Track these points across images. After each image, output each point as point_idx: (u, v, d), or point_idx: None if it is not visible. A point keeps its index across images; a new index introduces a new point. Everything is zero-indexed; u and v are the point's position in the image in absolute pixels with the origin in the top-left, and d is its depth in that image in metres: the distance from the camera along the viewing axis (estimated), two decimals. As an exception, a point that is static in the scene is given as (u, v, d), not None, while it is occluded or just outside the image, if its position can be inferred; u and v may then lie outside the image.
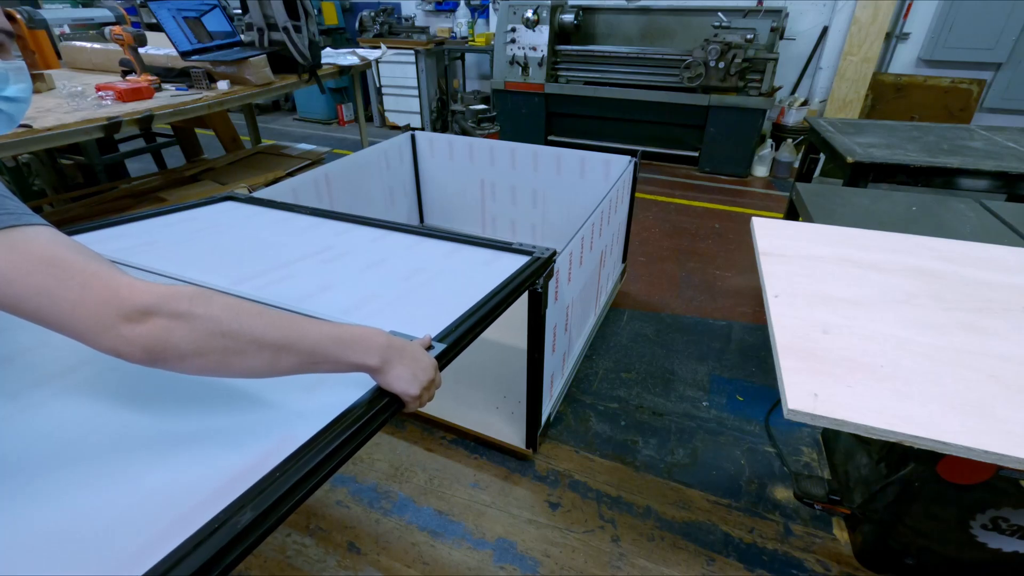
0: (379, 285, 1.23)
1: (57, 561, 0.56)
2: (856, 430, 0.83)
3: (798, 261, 1.32)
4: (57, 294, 0.53)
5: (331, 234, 1.54)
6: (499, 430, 1.84)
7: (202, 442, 0.71)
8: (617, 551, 1.53)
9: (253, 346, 0.62)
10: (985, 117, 4.26)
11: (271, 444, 0.70)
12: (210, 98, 2.44)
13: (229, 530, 0.58)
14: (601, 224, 1.99)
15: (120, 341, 0.55)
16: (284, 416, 0.76)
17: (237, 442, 0.71)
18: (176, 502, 0.62)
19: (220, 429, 0.74)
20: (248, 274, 1.25)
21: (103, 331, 0.54)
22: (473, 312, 1.08)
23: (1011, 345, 1.01)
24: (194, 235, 1.50)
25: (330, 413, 0.75)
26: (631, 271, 2.96)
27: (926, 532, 1.32)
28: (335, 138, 5.65)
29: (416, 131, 2.93)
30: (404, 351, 0.77)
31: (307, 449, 0.69)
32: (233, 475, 0.65)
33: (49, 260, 0.54)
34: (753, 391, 2.13)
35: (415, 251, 1.43)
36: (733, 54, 3.95)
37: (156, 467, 0.67)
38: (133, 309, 0.55)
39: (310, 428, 0.72)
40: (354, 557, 1.51)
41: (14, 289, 0.53)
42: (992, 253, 1.37)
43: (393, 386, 0.75)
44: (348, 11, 6.15)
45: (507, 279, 1.25)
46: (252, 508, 0.60)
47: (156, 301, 0.56)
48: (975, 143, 2.48)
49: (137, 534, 0.58)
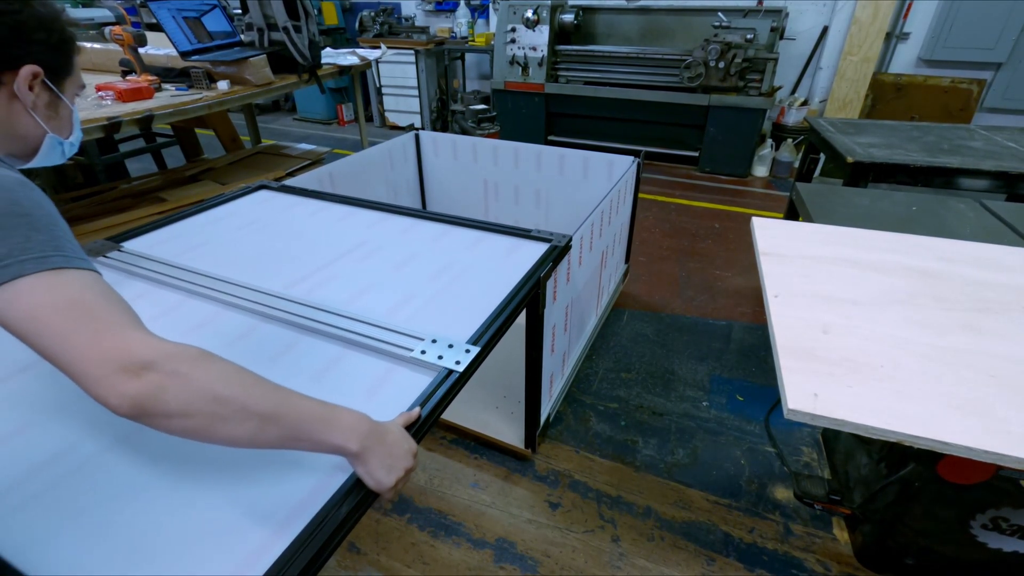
0: (414, 284, 1.34)
1: (208, 546, 0.70)
2: (856, 430, 0.83)
3: (798, 261, 1.32)
4: (70, 339, 0.57)
5: (363, 226, 1.65)
6: (499, 430, 1.84)
7: (269, 466, 0.81)
8: (617, 551, 1.53)
9: (241, 414, 0.63)
10: (985, 117, 4.26)
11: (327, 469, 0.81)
12: (210, 98, 2.44)
13: (331, 522, 0.72)
14: (601, 224, 1.99)
15: (112, 392, 0.56)
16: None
17: (305, 466, 0.81)
18: (275, 509, 0.75)
19: (287, 456, 0.82)
20: (297, 276, 1.35)
21: (99, 380, 0.56)
22: (500, 311, 1.21)
23: (1011, 345, 1.01)
24: (239, 233, 1.60)
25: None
26: (631, 271, 2.96)
27: (926, 532, 1.32)
28: (335, 138, 5.65)
29: (420, 131, 2.93)
30: (384, 439, 0.78)
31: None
32: (309, 491, 0.77)
33: (75, 305, 0.58)
34: (753, 391, 2.13)
35: (442, 242, 1.56)
36: (733, 54, 3.95)
37: (246, 483, 0.79)
38: (134, 362, 0.57)
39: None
40: (354, 557, 1.51)
41: (35, 326, 0.57)
42: (992, 253, 1.37)
43: (370, 475, 0.76)
44: (348, 11, 6.15)
45: (529, 271, 1.38)
46: (348, 503, 0.75)
47: (158, 358, 0.59)
48: (975, 143, 2.48)
49: (261, 528, 0.72)
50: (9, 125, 0.73)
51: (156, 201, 2.60)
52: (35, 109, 0.74)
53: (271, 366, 1.03)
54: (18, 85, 0.71)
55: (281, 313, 1.17)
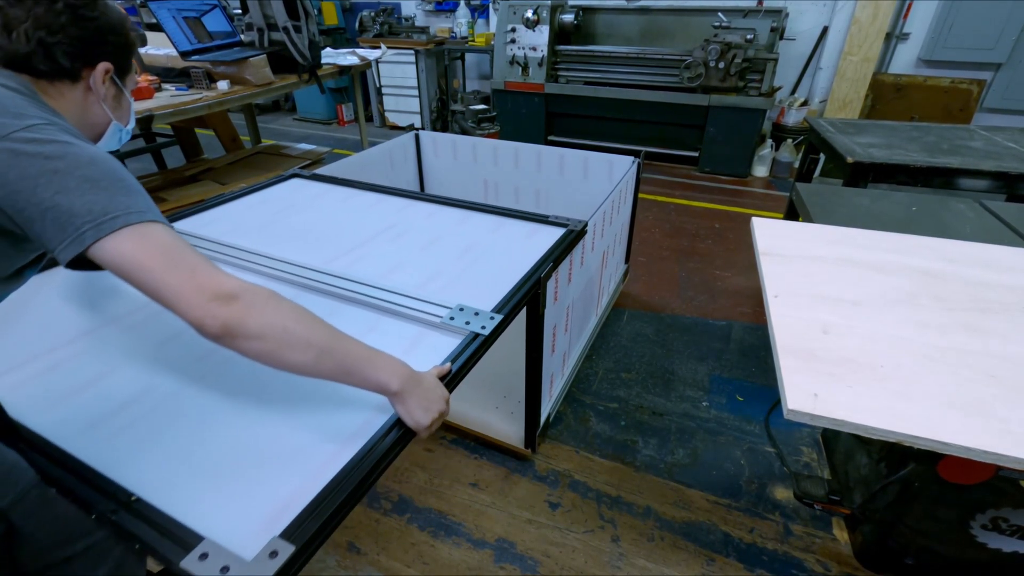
0: (440, 263, 1.45)
1: (280, 464, 0.83)
2: (856, 430, 0.83)
3: (798, 261, 1.32)
4: (171, 275, 0.69)
5: (391, 211, 1.77)
6: (499, 430, 1.84)
7: (324, 405, 0.94)
8: (617, 551, 1.53)
9: (303, 344, 0.75)
10: (985, 117, 4.26)
11: (372, 409, 0.93)
12: (210, 98, 2.44)
13: (380, 449, 0.84)
14: (603, 225, 1.99)
15: (207, 315, 0.69)
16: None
17: (353, 405, 0.93)
18: (360, 413, 0.91)
19: (339, 397, 0.95)
20: (333, 254, 1.47)
21: (197, 306, 0.69)
22: (521, 285, 1.32)
23: (1011, 345, 1.01)
24: (277, 216, 1.72)
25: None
26: (631, 271, 2.96)
27: (926, 532, 1.32)
28: (335, 138, 5.65)
29: (420, 131, 2.92)
30: (421, 383, 0.89)
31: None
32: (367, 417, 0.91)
33: (172, 249, 0.71)
34: (753, 391, 2.13)
35: (465, 226, 1.67)
36: (733, 54, 3.95)
37: (308, 417, 0.92)
38: (223, 293, 0.70)
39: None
40: (354, 557, 1.51)
41: (142, 265, 0.69)
42: (992, 253, 1.37)
43: (408, 414, 0.87)
44: (348, 11, 6.15)
45: (547, 251, 1.48)
46: (391, 435, 0.86)
47: (241, 291, 0.72)
48: (975, 143, 2.48)
49: (344, 428, 0.87)
50: (83, 114, 0.87)
51: (156, 201, 2.60)
52: (104, 100, 0.89)
53: None
54: (94, 80, 0.85)
55: (321, 285, 1.29)
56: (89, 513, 0.75)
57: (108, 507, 0.74)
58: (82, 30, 0.81)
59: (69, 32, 0.79)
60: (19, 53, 0.77)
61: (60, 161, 0.68)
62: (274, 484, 0.79)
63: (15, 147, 0.67)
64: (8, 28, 0.76)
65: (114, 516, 0.73)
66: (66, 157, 0.69)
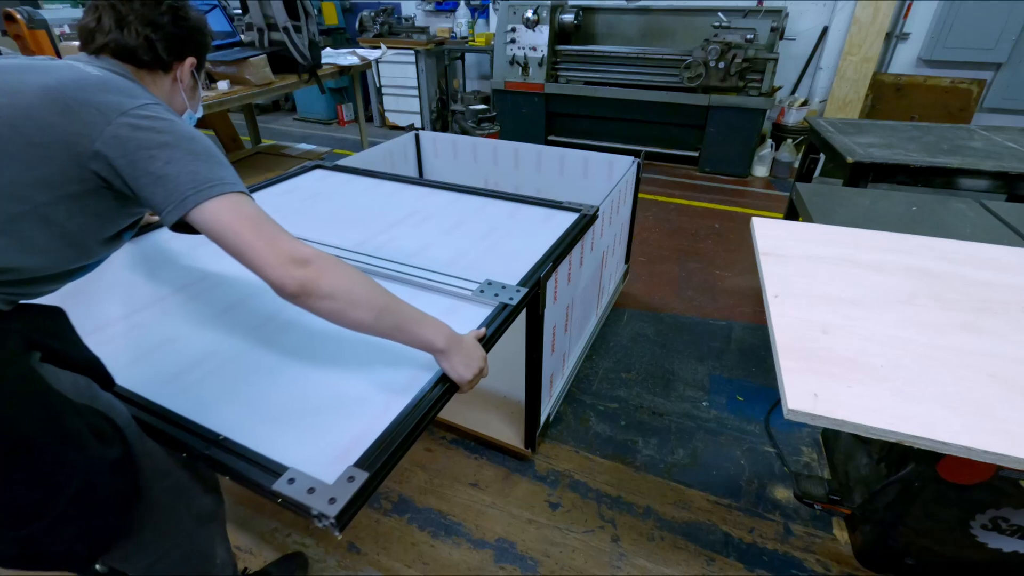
0: (465, 243, 1.56)
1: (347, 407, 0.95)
2: (856, 430, 0.83)
3: (798, 261, 1.32)
4: (256, 239, 0.79)
5: (414, 198, 1.89)
6: (499, 430, 1.84)
7: (377, 362, 1.06)
8: (617, 551, 1.53)
9: (367, 303, 0.86)
10: (985, 117, 4.26)
11: (418, 367, 1.04)
12: (210, 98, 2.44)
13: (429, 398, 0.95)
14: (602, 225, 1.99)
15: (286, 276, 0.78)
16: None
17: (400, 364, 1.05)
18: (410, 367, 1.03)
19: (391, 356, 1.06)
20: (364, 237, 1.60)
21: (278, 267, 0.78)
22: (543, 263, 1.43)
23: (1011, 345, 1.01)
24: (305, 203, 1.85)
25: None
26: (631, 271, 2.96)
27: (926, 532, 1.32)
28: (335, 138, 5.65)
29: (420, 131, 2.92)
30: (463, 343, 0.99)
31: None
32: (416, 370, 1.03)
33: (253, 218, 0.80)
34: (753, 391, 2.13)
35: (484, 212, 1.79)
36: (733, 54, 3.95)
37: (365, 372, 1.03)
38: (299, 257, 0.79)
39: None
40: (354, 557, 1.51)
41: (232, 230, 0.78)
42: (992, 253, 1.37)
43: (453, 369, 0.97)
44: (348, 11, 6.15)
45: (563, 234, 1.59)
46: (439, 387, 0.97)
47: (314, 257, 0.81)
48: (975, 143, 2.48)
49: (389, 387, 0.99)
50: (169, 100, 0.99)
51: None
52: (185, 90, 1.03)
53: None
54: (181, 71, 1.00)
55: (359, 263, 1.40)
56: (181, 452, 0.87)
57: (200, 445, 0.85)
58: (179, 28, 0.95)
59: (169, 30, 0.94)
60: (128, 45, 0.90)
61: (170, 135, 0.79)
62: (342, 425, 0.91)
63: (134, 122, 0.77)
64: (121, 23, 0.89)
65: (207, 451, 0.84)
66: (174, 132, 0.79)
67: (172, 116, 0.82)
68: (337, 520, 0.76)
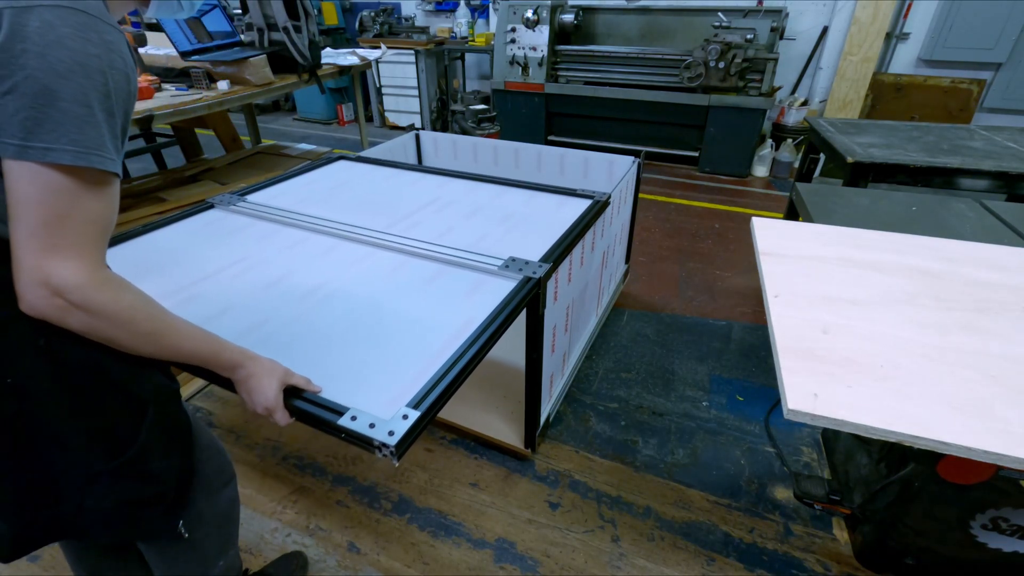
0: (485, 227, 1.68)
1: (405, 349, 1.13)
2: (856, 430, 0.83)
3: (798, 261, 1.32)
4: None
5: (433, 187, 2.02)
6: (499, 430, 1.84)
7: (409, 331, 1.19)
8: (617, 551, 1.53)
9: (132, 338, 0.77)
10: (985, 117, 4.26)
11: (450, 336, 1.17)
12: (210, 98, 2.44)
13: (464, 359, 1.08)
14: (603, 225, 1.99)
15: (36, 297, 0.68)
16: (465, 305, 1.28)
17: (441, 322, 1.21)
18: (447, 329, 1.18)
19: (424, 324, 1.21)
20: (391, 221, 1.71)
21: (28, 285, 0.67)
22: (561, 243, 1.55)
23: (1011, 345, 1.01)
24: (332, 192, 1.98)
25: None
26: (631, 271, 2.96)
27: (926, 532, 1.32)
28: (335, 138, 5.65)
29: (420, 131, 2.92)
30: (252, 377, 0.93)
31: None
32: (465, 320, 1.21)
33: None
34: (753, 391, 2.13)
35: (501, 199, 1.91)
36: (733, 54, 3.95)
37: (399, 338, 1.17)
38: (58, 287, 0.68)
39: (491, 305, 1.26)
40: (354, 557, 1.51)
41: (18, 201, 0.63)
42: (992, 253, 1.36)
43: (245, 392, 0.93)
44: (348, 11, 6.15)
45: (578, 218, 1.71)
46: (473, 349, 1.10)
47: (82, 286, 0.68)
48: (975, 143, 2.48)
49: (428, 347, 1.13)
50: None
51: (156, 201, 2.60)
52: None
53: (392, 276, 1.41)
54: None
55: (390, 243, 1.54)
56: None
57: None
58: None
59: None
60: None
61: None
62: (392, 375, 1.05)
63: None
64: None
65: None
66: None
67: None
68: (396, 449, 0.87)
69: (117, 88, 0.67)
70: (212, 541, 1.08)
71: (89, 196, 0.66)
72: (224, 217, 1.75)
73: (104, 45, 0.64)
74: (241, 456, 1.82)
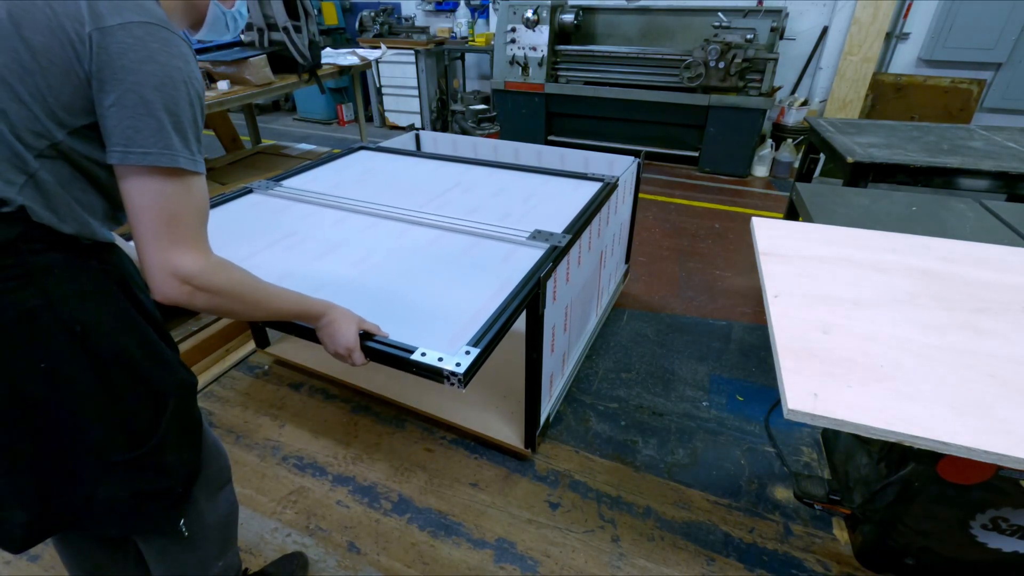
0: (509, 206, 1.87)
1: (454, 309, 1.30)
2: (856, 430, 0.83)
3: (798, 261, 1.32)
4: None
5: (455, 173, 2.20)
6: (499, 430, 1.84)
7: (462, 288, 1.38)
8: (617, 551, 1.53)
9: (248, 309, 0.92)
10: (985, 117, 4.26)
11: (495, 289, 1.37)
12: (210, 98, 2.44)
13: (508, 311, 1.26)
14: (600, 225, 1.99)
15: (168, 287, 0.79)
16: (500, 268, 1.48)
17: (489, 276, 1.42)
18: (489, 287, 1.37)
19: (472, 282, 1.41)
20: (422, 202, 1.89)
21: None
22: (580, 217, 1.73)
23: (1011, 345, 1.01)
24: (360, 177, 2.16)
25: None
26: (631, 271, 2.96)
27: (926, 532, 1.32)
28: (335, 138, 5.65)
29: (420, 131, 2.92)
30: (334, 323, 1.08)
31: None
32: (504, 279, 1.40)
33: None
34: (753, 391, 2.13)
35: (521, 183, 2.09)
36: (733, 54, 3.95)
37: (453, 290, 1.38)
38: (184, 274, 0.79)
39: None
40: (354, 557, 1.51)
41: (136, 207, 0.73)
42: (992, 253, 1.37)
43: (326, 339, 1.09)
44: (348, 11, 6.15)
45: (592, 197, 1.90)
46: (513, 304, 1.28)
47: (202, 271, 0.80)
48: (975, 143, 2.48)
49: (475, 302, 1.32)
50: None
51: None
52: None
53: (429, 249, 1.57)
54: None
55: (423, 220, 1.71)
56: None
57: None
58: None
59: None
60: None
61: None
62: (447, 324, 1.22)
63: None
64: None
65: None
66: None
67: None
68: (464, 376, 1.04)
69: (197, 96, 0.75)
70: (211, 542, 1.08)
71: (189, 194, 0.75)
72: (264, 200, 1.91)
73: (183, 58, 0.72)
74: (241, 456, 1.82)
